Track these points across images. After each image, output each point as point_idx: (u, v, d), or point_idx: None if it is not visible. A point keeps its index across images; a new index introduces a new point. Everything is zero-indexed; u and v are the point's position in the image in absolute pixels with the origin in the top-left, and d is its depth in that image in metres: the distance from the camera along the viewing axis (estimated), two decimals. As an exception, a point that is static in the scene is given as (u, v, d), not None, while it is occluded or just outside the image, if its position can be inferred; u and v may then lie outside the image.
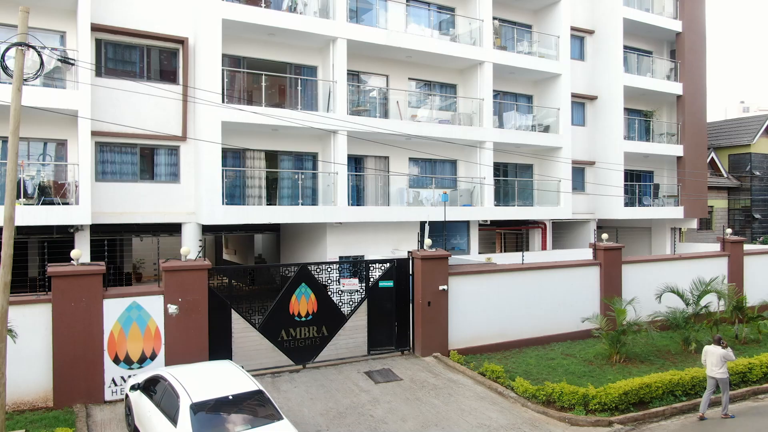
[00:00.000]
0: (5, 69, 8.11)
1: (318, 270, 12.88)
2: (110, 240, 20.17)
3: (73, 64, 8.59)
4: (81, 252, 10.43)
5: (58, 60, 8.63)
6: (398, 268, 13.83)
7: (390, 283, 13.68)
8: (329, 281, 13.05)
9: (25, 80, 8.25)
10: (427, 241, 14.02)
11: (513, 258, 20.86)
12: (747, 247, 20.39)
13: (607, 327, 14.07)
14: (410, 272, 14.01)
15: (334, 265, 13.26)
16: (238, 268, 18.95)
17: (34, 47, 8.17)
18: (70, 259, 10.46)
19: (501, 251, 25.97)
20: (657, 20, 24.71)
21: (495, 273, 14.76)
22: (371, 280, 13.51)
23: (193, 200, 16.45)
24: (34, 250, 19.30)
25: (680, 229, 26.43)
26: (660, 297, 15.82)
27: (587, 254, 21.54)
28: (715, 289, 15.68)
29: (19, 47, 8.10)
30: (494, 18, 20.98)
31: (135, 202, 15.75)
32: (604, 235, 16.96)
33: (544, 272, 15.57)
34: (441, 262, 13.76)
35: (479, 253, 21.21)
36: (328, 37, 17.28)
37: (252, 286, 25.89)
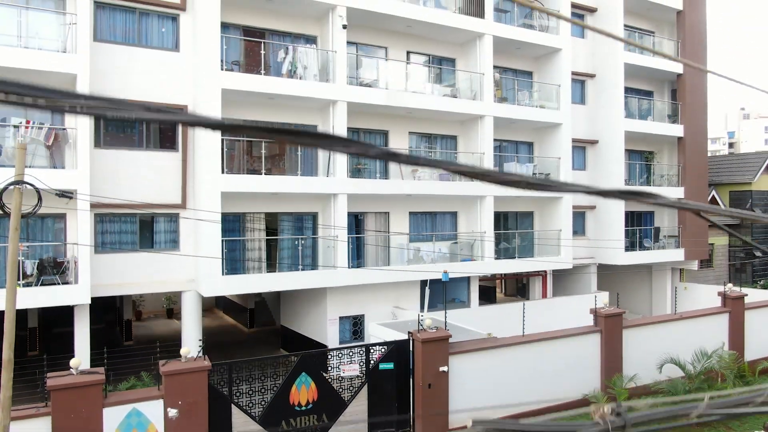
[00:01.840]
0: (2, 207, 8.05)
1: (318, 359, 12.84)
2: (110, 297, 20.18)
3: (70, 197, 8.55)
4: (80, 361, 10.39)
5: (56, 195, 8.56)
6: (398, 349, 13.78)
7: (390, 365, 13.64)
8: (329, 368, 13.02)
9: (24, 216, 8.21)
10: (428, 321, 13.97)
11: (514, 310, 20.86)
12: (748, 298, 20.31)
13: (608, 406, 14.05)
14: (411, 349, 13.97)
15: (335, 351, 13.23)
16: (238, 363, 18.83)
17: (32, 185, 8.12)
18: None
19: (501, 292, 26.02)
20: (658, 63, 24.62)
21: (496, 349, 14.74)
22: (371, 362, 13.48)
23: (193, 267, 16.40)
24: (34, 311, 19.32)
25: (681, 270, 26.40)
26: (661, 368, 15.81)
27: (589, 303, 21.51)
28: (717, 364, 15.67)
29: (17, 186, 8.06)
30: (495, 66, 20.86)
31: (134, 272, 15.70)
32: (605, 301, 16.94)
33: (545, 343, 15.53)
34: (441, 343, 13.72)
35: (479, 304, 21.18)
36: (327, 100, 17.22)
37: (251, 328, 25.97)
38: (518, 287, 26.36)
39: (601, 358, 16.29)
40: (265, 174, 16.51)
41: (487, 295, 24.74)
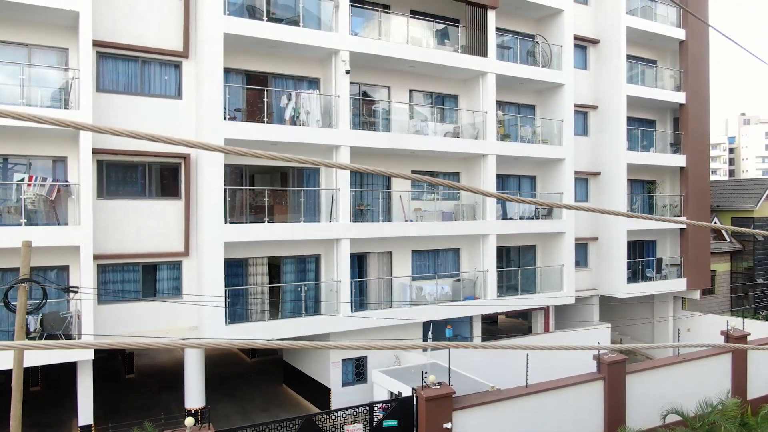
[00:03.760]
0: (8, 305, 8.03)
1: (322, 419, 12.84)
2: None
3: (76, 292, 8.52)
4: (85, 437, 10.37)
5: (61, 290, 8.54)
6: (402, 406, 13.79)
7: (394, 423, 13.65)
8: (333, 428, 13.02)
9: (29, 313, 8.18)
10: (431, 378, 13.98)
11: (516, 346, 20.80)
12: (749, 327, 20.34)
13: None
14: (414, 403, 13.98)
15: (338, 412, 13.23)
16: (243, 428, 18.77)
17: (38, 282, 8.09)
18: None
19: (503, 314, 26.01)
20: (660, 94, 24.58)
21: (499, 402, 14.73)
22: (375, 421, 13.48)
23: (196, 316, 16.37)
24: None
25: (683, 299, 26.39)
26: (664, 418, 15.81)
27: (591, 337, 21.56)
28: (719, 418, 15.67)
29: (22, 284, 8.03)
30: (498, 102, 20.75)
31: (137, 322, 15.66)
32: (608, 347, 16.92)
33: (548, 393, 15.53)
34: (445, 400, 13.72)
35: (482, 339, 21.18)
36: (330, 146, 17.20)
37: (253, 358, 25.88)
38: (521, 320, 26.47)
39: (604, 405, 16.29)
40: (267, 221, 16.47)
41: (490, 320, 24.82)
